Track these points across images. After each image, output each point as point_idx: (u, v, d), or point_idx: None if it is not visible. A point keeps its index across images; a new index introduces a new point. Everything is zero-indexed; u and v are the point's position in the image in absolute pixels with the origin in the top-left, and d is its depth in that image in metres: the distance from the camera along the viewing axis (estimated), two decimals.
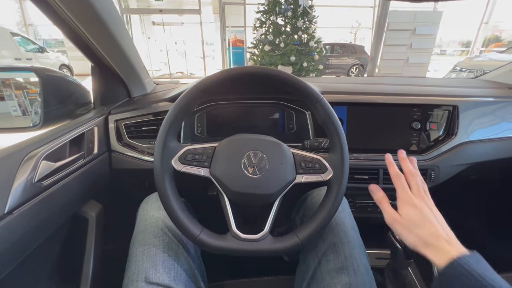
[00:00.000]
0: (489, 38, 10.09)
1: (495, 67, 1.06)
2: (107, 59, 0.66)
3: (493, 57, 4.37)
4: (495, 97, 0.79)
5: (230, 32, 6.91)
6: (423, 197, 0.42)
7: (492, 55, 4.80)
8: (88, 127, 0.64)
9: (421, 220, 0.39)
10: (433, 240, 0.37)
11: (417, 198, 0.41)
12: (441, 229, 0.38)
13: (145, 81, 0.84)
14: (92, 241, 0.62)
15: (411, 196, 0.41)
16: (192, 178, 0.46)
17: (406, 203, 0.41)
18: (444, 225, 0.39)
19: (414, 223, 0.39)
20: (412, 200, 0.41)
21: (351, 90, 0.78)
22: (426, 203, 0.41)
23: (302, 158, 0.49)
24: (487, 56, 4.92)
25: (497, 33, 11.79)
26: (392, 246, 0.62)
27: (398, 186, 0.44)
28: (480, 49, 8.32)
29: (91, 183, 0.63)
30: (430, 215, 0.39)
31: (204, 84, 0.47)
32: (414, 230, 0.39)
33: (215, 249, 0.45)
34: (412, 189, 0.43)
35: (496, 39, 11.36)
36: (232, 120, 0.81)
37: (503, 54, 4.23)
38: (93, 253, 0.62)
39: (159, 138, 0.46)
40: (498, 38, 11.74)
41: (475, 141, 0.75)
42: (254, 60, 4.83)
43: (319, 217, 0.47)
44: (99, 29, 0.58)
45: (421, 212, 0.39)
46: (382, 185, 0.73)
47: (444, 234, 0.37)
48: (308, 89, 0.48)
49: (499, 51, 5.13)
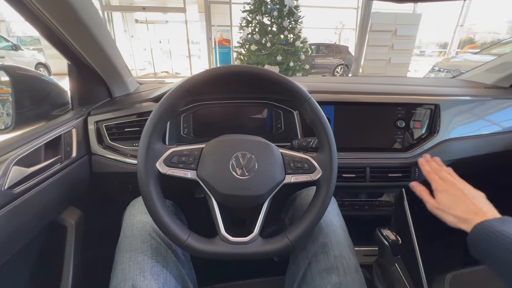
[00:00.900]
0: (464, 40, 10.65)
1: (470, 67, 1.11)
2: (85, 57, 0.63)
3: (468, 58, 4.60)
4: (473, 96, 0.83)
5: (216, 31, 6.84)
6: (452, 183, 0.51)
7: (467, 56, 5.05)
8: (66, 129, 0.60)
9: (454, 202, 0.48)
10: (466, 215, 0.44)
11: (447, 186, 0.50)
12: (471, 205, 0.46)
13: (127, 80, 0.80)
14: (72, 250, 0.58)
15: (442, 185, 0.51)
16: (179, 180, 0.45)
17: (440, 192, 0.51)
18: (475, 199, 0.47)
19: (448, 206, 0.48)
20: (443, 187, 0.50)
21: (338, 90, 0.78)
22: (456, 187, 0.50)
23: (291, 158, 0.48)
24: (463, 57, 5.17)
25: (471, 35, 12.45)
26: (380, 243, 0.63)
27: (431, 180, 0.54)
28: (456, 50, 8.74)
29: (70, 188, 0.59)
30: (461, 196, 0.48)
31: (189, 83, 0.45)
32: (450, 211, 0.47)
33: (203, 254, 0.44)
34: (442, 180, 0.52)
35: (470, 41, 11.99)
36: (219, 120, 0.79)
37: (477, 55, 4.45)
38: (73, 262, 0.58)
39: (143, 140, 0.44)
40: (472, 40, 12.40)
41: (455, 139, 0.78)
42: (241, 60, 4.81)
43: (308, 218, 0.47)
44: (75, 25, 0.54)
45: (452, 196, 0.48)
46: (368, 183, 0.74)
47: (474, 208, 0.45)
48: (296, 88, 0.48)
49: (473, 52, 5.41)
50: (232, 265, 0.84)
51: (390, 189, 0.82)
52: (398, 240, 0.61)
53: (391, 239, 0.62)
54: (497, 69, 0.98)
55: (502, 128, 0.83)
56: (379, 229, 0.64)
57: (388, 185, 0.75)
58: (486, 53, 4.27)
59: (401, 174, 0.75)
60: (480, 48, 5.91)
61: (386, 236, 0.62)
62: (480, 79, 1.04)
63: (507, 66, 0.95)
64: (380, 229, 0.64)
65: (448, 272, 0.61)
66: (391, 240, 0.61)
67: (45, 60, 7.21)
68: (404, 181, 0.75)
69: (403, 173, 0.75)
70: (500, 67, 0.97)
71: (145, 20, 8.40)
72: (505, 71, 0.95)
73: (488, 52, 4.20)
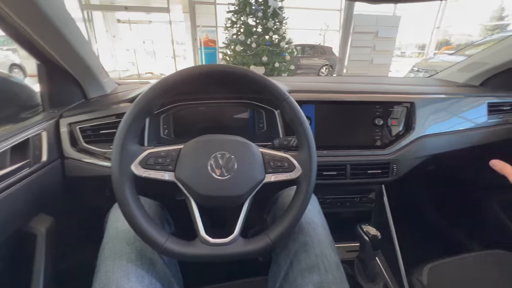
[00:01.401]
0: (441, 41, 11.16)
1: (446, 67, 1.17)
2: (55, 56, 0.60)
3: (445, 59, 4.84)
4: (446, 94, 0.86)
5: (202, 32, 6.76)
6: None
7: (444, 57, 5.31)
8: (34, 132, 0.57)
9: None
10: None
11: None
12: None
13: (103, 81, 0.77)
14: (42, 260, 0.55)
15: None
16: (160, 182, 0.44)
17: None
18: None
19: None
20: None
21: (319, 89, 0.79)
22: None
23: (271, 157, 0.48)
24: (440, 57, 5.43)
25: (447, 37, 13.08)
26: (361, 239, 0.65)
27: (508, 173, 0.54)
28: (434, 51, 9.15)
29: (40, 194, 0.56)
30: None
31: (166, 82, 0.44)
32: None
33: (183, 257, 0.43)
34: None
35: (446, 43, 12.59)
36: (201, 121, 0.78)
37: (453, 56, 4.70)
38: (43, 273, 0.55)
39: (116, 141, 0.42)
40: (448, 41, 13.02)
41: (430, 135, 0.81)
42: (227, 60, 4.79)
43: (289, 216, 0.47)
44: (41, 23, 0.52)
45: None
46: (349, 180, 0.75)
47: None
48: (274, 87, 0.48)
49: (449, 53, 5.70)
50: (220, 266, 0.83)
51: (370, 185, 0.84)
52: (378, 235, 0.63)
53: (372, 234, 0.63)
54: (467, 69, 1.04)
55: (474, 124, 0.87)
56: (359, 225, 0.65)
57: (368, 182, 0.77)
58: (460, 54, 4.51)
59: (380, 170, 0.77)
60: (455, 49, 6.23)
61: (367, 231, 0.64)
62: (453, 78, 1.09)
63: (476, 66, 1.00)
64: (361, 225, 0.66)
65: (427, 263, 0.63)
66: (371, 235, 0.63)
67: (19, 61, 6.83)
68: (383, 178, 0.77)
69: (382, 169, 0.77)
70: (470, 66, 1.03)
71: (127, 20, 8.17)
72: (475, 70, 1.01)
73: (462, 53, 4.43)
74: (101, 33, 7.82)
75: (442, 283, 0.59)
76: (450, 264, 0.63)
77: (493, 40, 3.50)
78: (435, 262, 0.64)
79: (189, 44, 7.26)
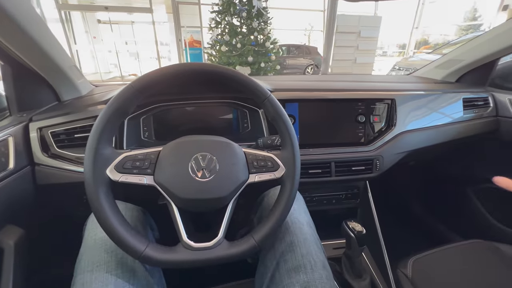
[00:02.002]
0: (420, 41, 11.62)
1: (424, 65, 1.21)
2: (20, 56, 0.56)
3: (423, 57, 5.05)
4: (425, 90, 0.89)
5: (186, 33, 6.67)
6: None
7: (422, 55, 5.54)
8: (0, 138, 0.53)
9: None
10: None
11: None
12: None
13: (77, 82, 0.73)
14: (10, 275, 0.51)
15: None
16: (139, 187, 0.42)
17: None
18: None
19: None
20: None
21: (302, 87, 0.79)
22: None
23: (254, 157, 0.47)
24: (419, 56, 5.65)
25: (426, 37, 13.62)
26: (347, 235, 0.65)
27: None
28: (414, 50, 9.51)
29: (7, 204, 0.52)
30: None
31: (141, 82, 0.42)
32: None
33: (165, 264, 0.41)
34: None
35: (425, 42, 13.10)
36: (183, 122, 0.76)
37: (431, 54, 4.92)
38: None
39: (89, 145, 0.40)
40: (426, 41, 13.56)
41: (411, 131, 0.83)
42: (212, 61, 4.74)
43: (274, 216, 0.46)
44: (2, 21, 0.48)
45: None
46: (334, 177, 0.76)
47: None
48: (255, 86, 0.47)
49: (428, 52, 5.96)
50: (206, 270, 0.81)
51: (355, 182, 0.85)
52: (363, 231, 0.63)
53: (357, 231, 0.64)
54: (444, 66, 1.08)
55: (451, 119, 0.90)
56: (345, 222, 0.65)
57: (352, 178, 0.78)
58: (438, 52, 4.72)
59: (364, 167, 0.78)
60: (433, 48, 6.51)
61: (352, 228, 0.64)
62: (431, 75, 1.13)
63: (452, 63, 1.04)
64: (347, 221, 0.66)
65: (411, 256, 0.65)
66: (356, 232, 0.63)
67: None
68: (367, 174, 0.78)
69: (365, 166, 0.78)
70: (446, 63, 1.07)
71: (108, 21, 7.91)
72: (451, 67, 1.05)
73: (440, 52, 4.64)
74: (81, 34, 7.53)
75: (426, 274, 0.61)
76: (434, 256, 0.65)
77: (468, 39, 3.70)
78: (419, 254, 0.65)
79: (174, 45, 7.14)
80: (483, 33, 0.92)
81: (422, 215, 1.21)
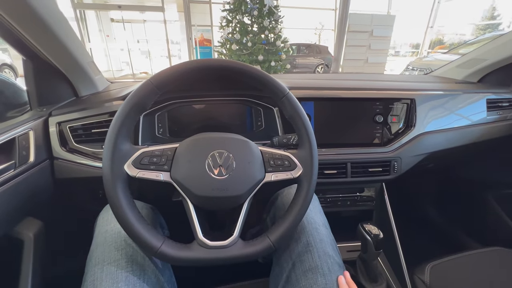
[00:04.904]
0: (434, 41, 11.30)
1: (440, 66, 1.16)
2: (42, 51, 0.57)
3: (438, 58, 4.90)
4: (445, 90, 0.86)
5: (197, 31, 6.71)
6: None
7: (437, 55, 5.37)
8: (21, 132, 0.54)
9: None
10: None
11: None
12: None
13: (95, 78, 0.74)
14: (30, 266, 0.52)
15: None
16: (154, 183, 0.42)
17: None
18: None
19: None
20: None
21: (318, 86, 0.78)
22: None
23: (270, 156, 0.47)
24: (434, 56, 5.48)
25: (440, 36, 13.25)
26: (362, 238, 0.63)
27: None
28: (428, 50, 9.25)
29: (27, 197, 0.53)
30: None
31: (159, 78, 0.42)
32: None
33: (180, 261, 0.41)
34: None
35: (439, 42, 12.75)
36: (197, 119, 0.76)
37: (446, 55, 4.76)
38: (31, 280, 0.52)
39: (108, 141, 0.40)
40: (441, 41, 13.20)
41: (430, 132, 0.80)
42: None
43: (290, 216, 0.45)
44: (27, 16, 0.49)
45: None
46: (350, 178, 0.74)
47: None
48: (274, 82, 0.46)
49: (443, 52, 5.76)
50: (216, 269, 0.81)
51: (371, 183, 0.83)
52: (380, 234, 0.61)
53: (373, 234, 0.62)
54: (466, 65, 1.03)
55: (471, 121, 0.86)
56: (361, 224, 0.64)
57: (369, 180, 0.76)
58: (454, 52, 4.57)
59: (381, 168, 0.75)
60: (448, 48, 6.31)
61: (368, 231, 0.62)
62: (451, 75, 1.09)
63: (474, 62, 1.00)
64: (363, 224, 0.64)
65: (429, 262, 0.63)
66: (373, 235, 0.61)
67: (10, 60, 6.68)
68: (384, 176, 0.76)
69: (383, 167, 0.76)
70: (468, 63, 1.02)
71: (121, 19, 8.06)
72: (472, 67, 1.00)
73: (456, 52, 4.49)
74: (95, 33, 7.71)
75: (444, 281, 0.58)
76: (453, 262, 0.63)
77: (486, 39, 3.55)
78: (437, 260, 0.63)
79: (184, 44, 7.20)
80: (508, 32, 0.87)
81: (439, 219, 1.17)
